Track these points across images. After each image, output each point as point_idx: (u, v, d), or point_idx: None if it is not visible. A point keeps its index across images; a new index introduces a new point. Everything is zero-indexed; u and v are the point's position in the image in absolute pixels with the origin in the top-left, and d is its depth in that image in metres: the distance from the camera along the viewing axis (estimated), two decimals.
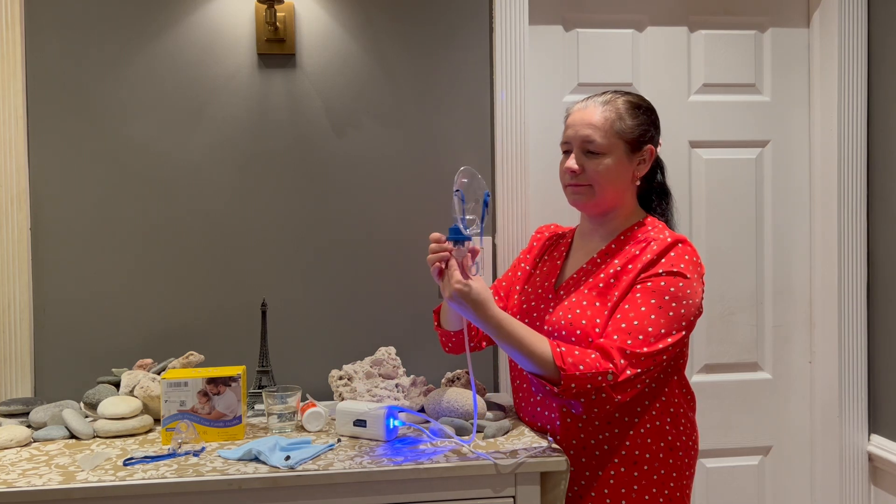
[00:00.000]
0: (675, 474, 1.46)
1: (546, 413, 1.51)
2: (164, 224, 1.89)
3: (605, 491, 1.44)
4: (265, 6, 1.83)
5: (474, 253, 1.38)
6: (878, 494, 2.07)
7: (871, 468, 2.08)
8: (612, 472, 1.44)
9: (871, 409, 2.09)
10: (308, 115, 1.93)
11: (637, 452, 1.44)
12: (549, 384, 1.33)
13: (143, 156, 1.88)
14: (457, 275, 1.35)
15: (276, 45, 1.89)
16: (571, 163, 1.49)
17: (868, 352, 2.08)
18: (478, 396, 1.63)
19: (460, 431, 1.51)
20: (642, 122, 1.49)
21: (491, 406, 1.67)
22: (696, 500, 2.10)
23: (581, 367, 1.32)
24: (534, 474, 1.38)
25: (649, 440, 1.44)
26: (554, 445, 1.43)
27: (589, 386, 1.31)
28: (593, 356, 1.33)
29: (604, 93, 1.53)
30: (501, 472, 1.36)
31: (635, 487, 1.43)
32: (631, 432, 1.44)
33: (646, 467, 1.44)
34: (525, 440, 1.47)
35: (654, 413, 1.45)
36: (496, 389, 1.99)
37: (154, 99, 1.88)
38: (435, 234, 1.40)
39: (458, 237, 1.37)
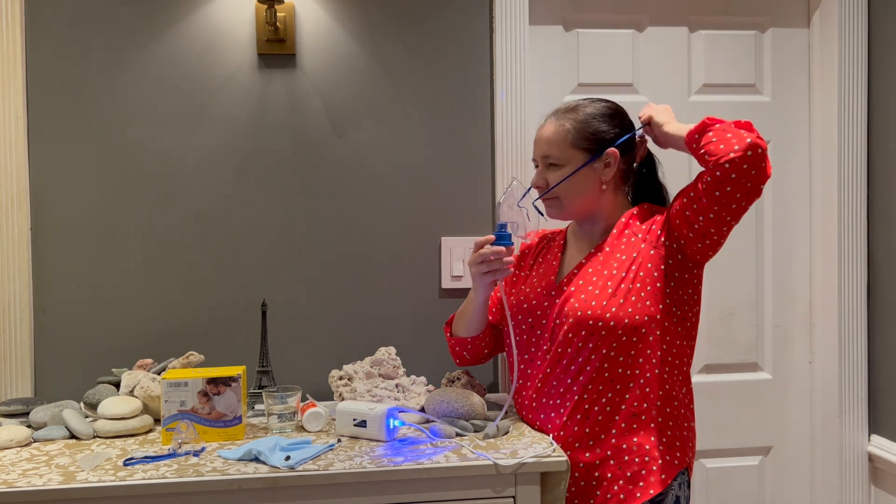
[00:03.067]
0: (670, 469, 1.46)
1: (547, 414, 1.51)
2: (164, 223, 1.89)
3: (606, 494, 1.44)
4: (265, 6, 1.83)
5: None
6: (879, 495, 2.07)
7: (872, 469, 2.08)
8: (610, 475, 1.44)
9: (871, 409, 2.09)
10: (308, 115, 1.93)
11: (638, 455, 1.44)
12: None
13: (142, 155, 1.88)
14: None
15: (277, 45, 1.89)
16: (535, 178, 1.56)
17: (868, 352, 2.08)
18: (479, 397, 1.63)
19: (460, 432, 1.51)
20: (597, 129, 1.51)
21: (491, 406, 1.67)
22: (696, 500, 2.10)
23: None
24: (534, 474, 1.38)
25: (652, 437, 1.44)
26: (554, 445, 1.43)
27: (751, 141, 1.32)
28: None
29: (565, 105, 1.57)
30: (501, 472, 1.36)
31: (629, 474, 1.43)
32: (636, 438, 1.44)
33: (644, 471, 1.44)
34: (525, 440, 1.47)
35: (660, 419, 1.45)
36: (496, 390, 1.99)
37: (154, 99, 1.88)
38: (481, 240, 1.53)
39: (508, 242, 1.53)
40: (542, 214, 1.57)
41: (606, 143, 1.51)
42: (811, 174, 2.16)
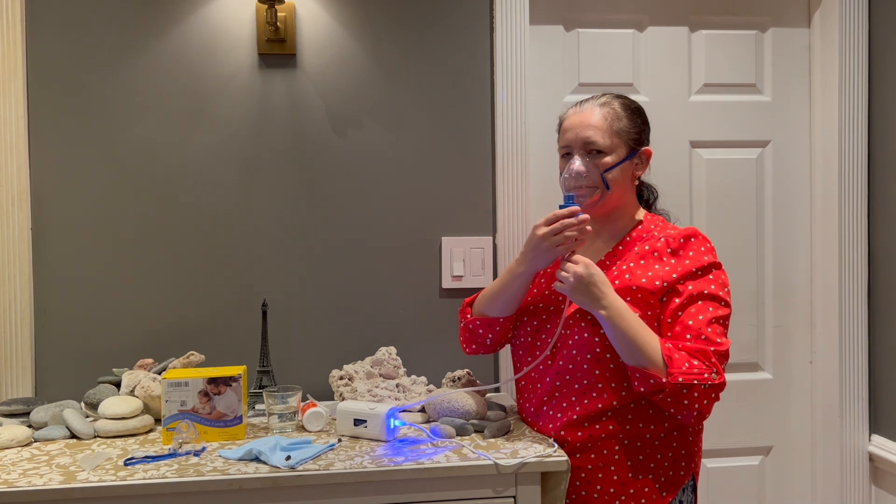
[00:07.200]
0: (675, 485, 1.46)
1: (545, 424, 1.51)
2: (164, 223, 1.89)
3: (605, 496, 1.44)
4: (266, 6, 1.83)
5: None
6: (879, 495, 2.07)
7: (872, 468, 2.08)
8: (612, 490, 1.44)
9: (871, 409, 2.09)
10: (308, 115, 1.93)
11: (641, 458, 1.44)
12: (653, 377, 1.33)
13: (143, 155, 1.88)
14: (580, 256, 1.39)
15: (277, 45, 1.89)
16: (578, 164, 1.46)
17: (868, 352, 2.08)
18: (479, 397, 1.63)
19: (460, 431, 1.51)
20: (637, 122, 1.52)
21: (491, 406, 1.67)
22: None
23: (686, 366, 1.33)
24: (534, 474, 1.38)
25: (656, 442, 1.44)
26: (555, 446, 1.43)
27: (695, 381, 1.32)
28: (696, 362, 1.34)
29: (599, 95, 1.55)
30: (502, 472, 1.36)
31: (631, 491, 1.43)
32: (638, 444, 1.44)
33: (650, 476, 1.44)
34: (526, 440, 1.47)
35: (663, 435, 1.44)
36: (496, 390, 1.99)
37: (155, 99, 1.88)
38: (563, 212, 1.40)
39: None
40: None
41: (639, 140, 1.52)
42: (811, 174, 2.16)
